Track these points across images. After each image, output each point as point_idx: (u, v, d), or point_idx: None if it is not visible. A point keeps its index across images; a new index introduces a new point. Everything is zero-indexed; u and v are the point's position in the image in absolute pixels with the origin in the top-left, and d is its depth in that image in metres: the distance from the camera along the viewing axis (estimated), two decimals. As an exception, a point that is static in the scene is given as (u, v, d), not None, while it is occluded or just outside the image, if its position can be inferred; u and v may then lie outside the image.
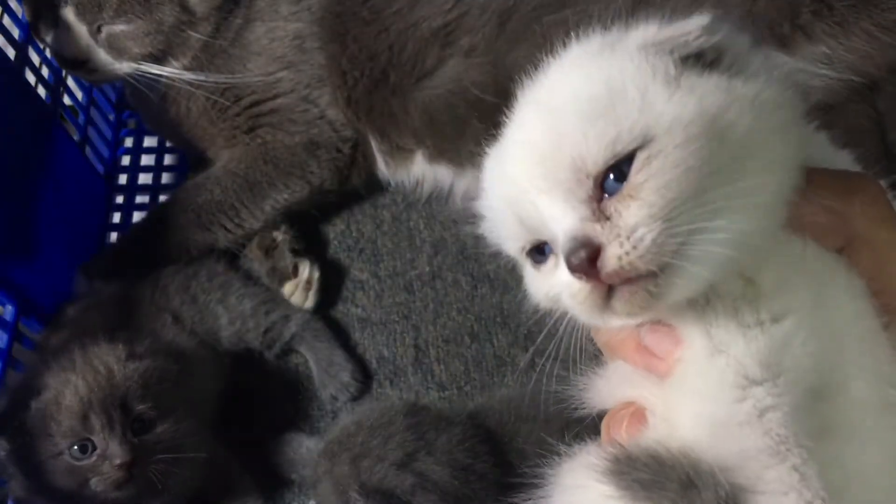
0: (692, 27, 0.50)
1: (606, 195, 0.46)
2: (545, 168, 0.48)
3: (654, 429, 0.51)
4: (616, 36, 0.52)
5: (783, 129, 0.48)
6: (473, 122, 1.10)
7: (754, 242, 0.47)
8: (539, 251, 0.52)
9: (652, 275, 0.45)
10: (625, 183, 0.46)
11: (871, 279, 0.50)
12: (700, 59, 0.49)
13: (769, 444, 0.44)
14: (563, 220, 0.47)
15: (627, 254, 0.44)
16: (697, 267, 0.45)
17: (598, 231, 0.46)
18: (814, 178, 0.50)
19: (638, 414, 0.52)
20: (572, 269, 0.46)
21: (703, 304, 0.49)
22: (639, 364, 0.52)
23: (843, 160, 0.56)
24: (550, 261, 0.51)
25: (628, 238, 0.44)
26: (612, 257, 0.45)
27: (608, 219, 0.46)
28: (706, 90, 0.47)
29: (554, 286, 0.51)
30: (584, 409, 0.58)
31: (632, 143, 0.46)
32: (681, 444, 0.48)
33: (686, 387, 0.49)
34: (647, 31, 0.51)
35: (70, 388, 0.82)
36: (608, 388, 0.56)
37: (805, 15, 0.98)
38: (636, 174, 0.45)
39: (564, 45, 0.55)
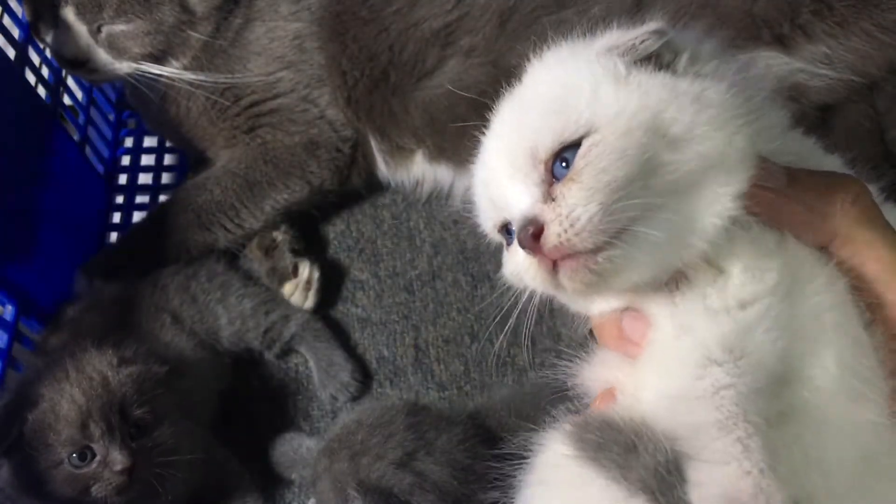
0: (642, 32, 0.55)
1: (556, 180, 0.52)
2: (510, 156, 0.55)
3: (620, 405, 0.55)
4: (583, 43, 0.58)
5: (728, 127, 0.51)
6: (473, 122, 1.10)
7: (695, 232, 0.51)
8: (507, 231, 0.58)
9: (590, 252, 0.50)
10: (570, 168, 0.51)
11: (854, 277, 0.52)
12: (656, 61, 0.54)
13: (719, 418, 0.47)
14: (518, 201, 0.54)
15: (566, 231, 0.50)
16: (633, 249, 0.50)
17: (544, 211, 0.51)
18: (797, 178, 0.53)
19: (608, 393, 0.57)
20: (520, 244, 0.52)
21: (673, 289, 0.53)
22: (617, 348, 0.57)
23: (832, 163, 0.59)
24: (514, 240, 0.55)
25: (567, 217, 0.50)
26: (552, 234, 0.50)
27: (554, 200, 0.51)
28: (650, 87, 0.52)
29: (517, 263, 0.56)
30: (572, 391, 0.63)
31: (577, 132, 0.52)
32: (638, 416, 0.52)
33: (651, 364, 0.53)
34: (608, 37, 0.57)
35: (66, 398, 0.83)
36: (590, 371, 0.61)
37: (805, 15, 0.98)
38: (579, 160, 0.51)
39: (544, 50, 0.61)
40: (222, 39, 1.14)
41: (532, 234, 0.51)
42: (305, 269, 1.15)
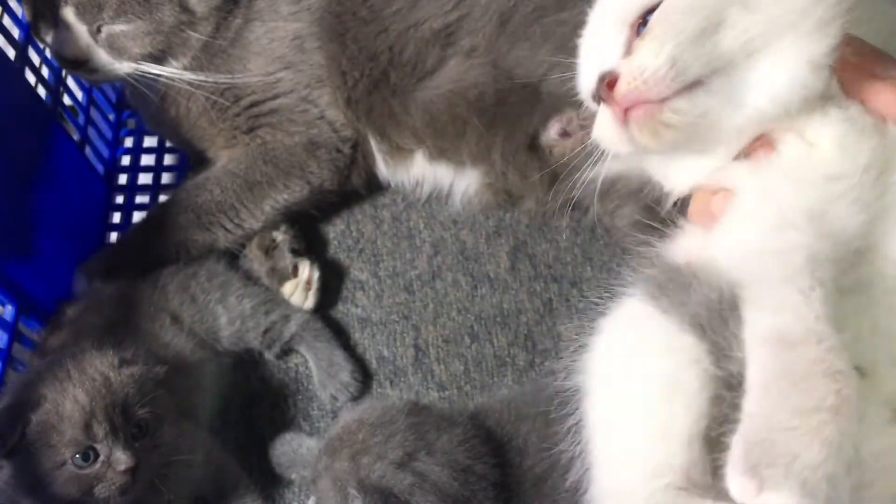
0: None
1: (638, 38, 0.55)
2: (605, 24, 0.60)
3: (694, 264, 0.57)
4: None
5: None
6: (473, 122, 1.10)
7: (765, 95, 0.52)
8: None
9: (657, 102, 0.53)
10: (647, 25, 0.54)
11: None
12: None
13: (786, 272, 0.48)
14: (606, 62, 0.57)
15: (635, 79, 0.53)
16: (699, 103, 0.52)
17: (621, 64, 0.55)
18: None
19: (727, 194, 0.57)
20: (597, 96, 0.57)
21: (762, 159, 0.55)
22: (702, 222, 0.59)
23: None
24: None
25: (637, 66, 0.53)
26: (623, 83, 0.54)
27: (631, 54, 0.55)
28: None
29: (600, 123, 0.59)
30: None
31: None
32: (708, 262, 0.55)
33: (729, 224, 0.55)
34: None
35: (69, 399, 0.82)
36: (672, 244, 0.62)
37: None
38: (656, 16, 0.54)
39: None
40: (222, 40, 1.14)
41: (607, 84, 0.54)
42: (305, 269, 1.15)
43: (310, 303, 1.14)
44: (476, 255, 1.20)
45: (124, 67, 1.12)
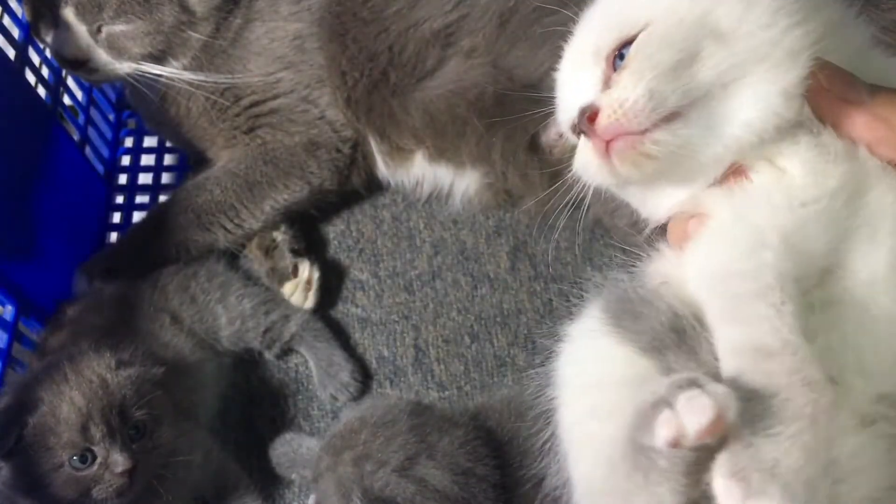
0: None
1: (615, 72, 0.57)
2: (580, 58, 0.61)
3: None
4: None
5: (777, 25, 0.54)
6: (473, 122, 1.10)
7: (740, 125, 0.54)
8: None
9: (638, 133, 0.54)
10: (625, 58, 0.56)
11: None
12: None
13: (757, 287, 0.50)
14: (584, 96, 0.59)
15: (615, 111, 0.54)
16: (678, 134, 0.54)
17: (601, 97, 0.56)
18: (879, 94, 0.54)
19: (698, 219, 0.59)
20: (578, 129, 0.58)
21: (735, 187, 0.56)
22: (681, 247, 0.60)
23: None
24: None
25: (617, 98, 0.55)
26: (604, 116, 0.55)
27: (609, 87, 0.56)
28: None
29: (582, 155, 0.61)
30: None
31: (634, 29, 0.56)
32: (680, 283, 0.57)
33: (702, 245, 0.57)
34: None
35: (66, 401, 0.83)
36: (649, 266, 0.64)
37: None
38: (633, 49, 0.56)
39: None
40: (222, 40, 1.14)
41: (588, 118, 0.56)
42: (305, 269, 1.14)
43: (310, 303, 1.14)
44: (476, 255, 1.20)
45: (124, 67, 1.12)
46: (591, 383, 0.60)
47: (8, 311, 1.04)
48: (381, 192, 1.26)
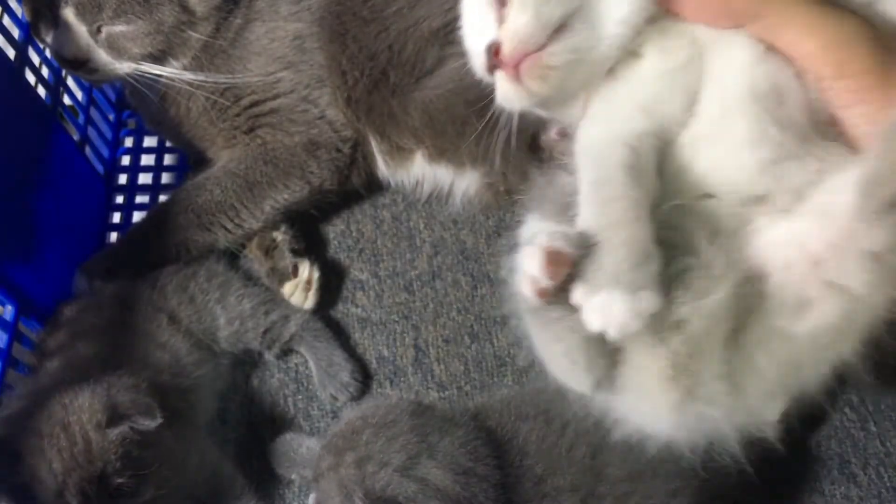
0: None
1: (504, 7, 0.65)
2: (474, 4, 0.72)
3: None
4: None
5: None
6: (473, 122, 1.10)
7: (613, 29, 0.65)
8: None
9: (538, 51, 0.64)
10: None
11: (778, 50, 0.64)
12: None
13: (619, 134, 0.66)
14: (484, 36, 0.68)
15: (512, 39, 0.64)
16: (571, 43, 0.64)
17: (499, 33, 0.65)
18: None
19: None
20: (489, 66, 0.68)
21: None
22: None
23: None
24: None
25: (511, 28, 0.64)
26: (506, 46, 0.65)
27: (505, 22, 0.65)
28: None
29: (499, 88, 0.70)
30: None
31: None
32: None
33: (581, 126, 0.70)
34: None
35: (45, 463, 0.81)
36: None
37: None
38: None
39: None
40: (222, 40, 1.14)
41: (494, 53, 0.65)
42: (305, 269, 1.14)
43: (310, 303, 1.14)
44: (476, 255, 1.20)
45: (124, 67, 1.12)
46: None
47: (8, 311, 1.04)
48: (381, 192, 1.26)
